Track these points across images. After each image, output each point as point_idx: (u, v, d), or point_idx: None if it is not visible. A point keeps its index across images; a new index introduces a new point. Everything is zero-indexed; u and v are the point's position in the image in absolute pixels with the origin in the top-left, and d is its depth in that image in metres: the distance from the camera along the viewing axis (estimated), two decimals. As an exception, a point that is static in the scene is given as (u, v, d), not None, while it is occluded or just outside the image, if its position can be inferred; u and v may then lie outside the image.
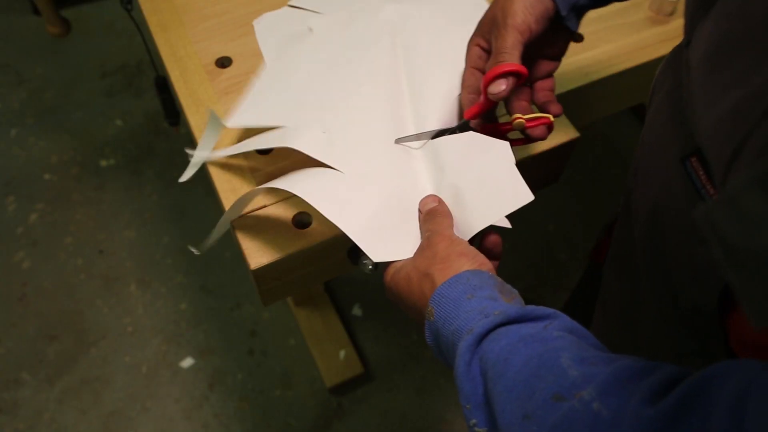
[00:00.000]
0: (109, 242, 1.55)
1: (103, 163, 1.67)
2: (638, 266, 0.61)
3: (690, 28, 0.48)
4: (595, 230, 1.48)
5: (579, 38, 0.82)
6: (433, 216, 0.56)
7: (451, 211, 0.57)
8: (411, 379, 1.41)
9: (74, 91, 1.79)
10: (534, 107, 0.62)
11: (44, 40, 1.87)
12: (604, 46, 0.82)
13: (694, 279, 0.51)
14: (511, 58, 0.53)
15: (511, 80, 0.54)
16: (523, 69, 0.53)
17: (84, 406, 1.34)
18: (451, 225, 0.55)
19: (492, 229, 0.56)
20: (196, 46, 0.79)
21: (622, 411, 0.34)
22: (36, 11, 1.88)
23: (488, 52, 0.58)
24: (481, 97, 0.57)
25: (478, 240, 0.57)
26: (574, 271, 1.53)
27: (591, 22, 0.84)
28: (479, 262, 0.50)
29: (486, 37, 0.57)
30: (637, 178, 0.61)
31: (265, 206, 0.66)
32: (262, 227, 0.65)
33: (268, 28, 0.80)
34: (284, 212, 0.66)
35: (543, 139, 0.59)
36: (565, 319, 0.44)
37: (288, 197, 0.67)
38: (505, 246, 0.57)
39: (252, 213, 0.66)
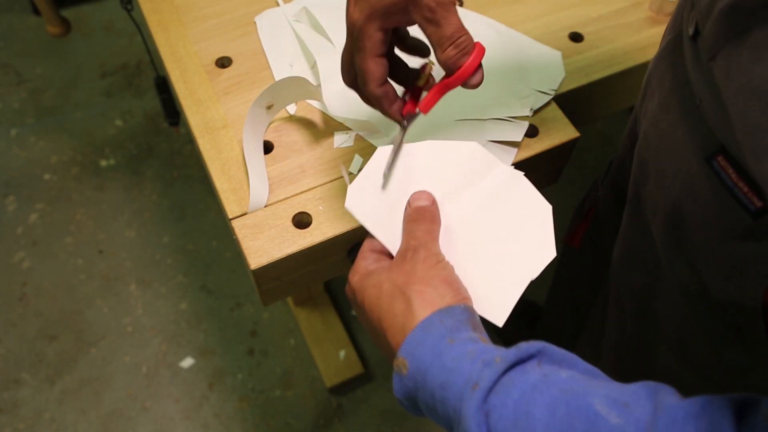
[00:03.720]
0: (109, 242, 1.55)
1: (103, 163, 1.67)
2: (658, 261, 0.60)
3: (713, 44, 0.44)
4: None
5: None
6: (421, 218, 0.49)
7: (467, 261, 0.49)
8: (411, 379, 1.41)
9: (74, 91, 1.79)
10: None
11: (44, 40, 1.87)
12: (604, 46, 0.82)
13: (730, 275, 0.49)
14: (469, 38, 0.47)
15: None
16: (484, 50, 0.48)
17: (84, 406, 1.34)
18: (438, 236, 0.49)
19: None
20: (196, 46, 0.79)
21: None
22: (36, 11, 1.88)
23: (389, 33, 0.49)
24: (435, 90, 0.51)
25: None
26: (574, 271, 1.53)
27: (591, 22, 0.84)
28: (463, 296, 0.45)
29: (397, 18, 0.47)
30: (646, 173, 0.59)
31: (265, 206, 0.66)
32: (262, 227, 0.65)
33: (270, 24, 0.80)
34: (284, 212, 0.66)
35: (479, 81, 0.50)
36: (552, 351, 0.40)
37: (288, 197, 0.67)
38: (505, 246, 0.56)
39: (252, 213, 0.66)
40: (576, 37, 0.83)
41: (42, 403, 1.34)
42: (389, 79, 0.52)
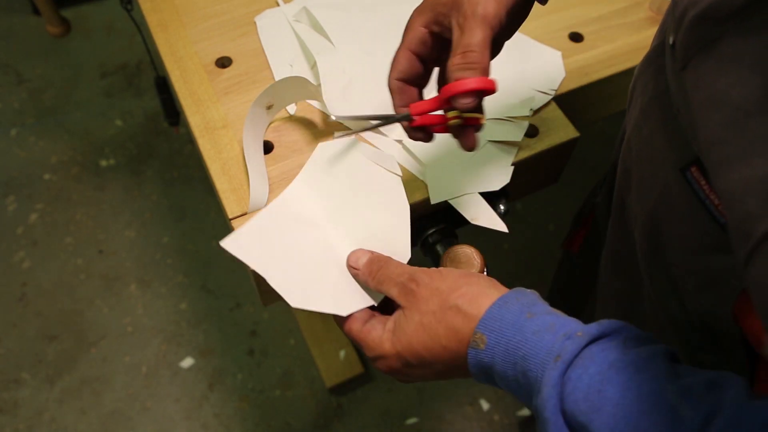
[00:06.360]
0: (109, 242, 1.55)
1: (103, 163, 1.67)
2: (638, 267, 0.60)
3: (684, 54, 0.44)
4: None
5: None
6: (382, 264, 0.50)
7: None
8: (411, 379, 1.41)
9: (74, 91, 1.79)
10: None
11: (44, 40, 1.87)
12: (604, 46, 0.82)
13: (704, 287, 0.50)
14: (483, 59, 0.45)
15: (479, 95, 0.47)
16: (494, 86, 0.46)
17: (84, 406, 1.34)
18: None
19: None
20: (196, 46, 0.79)
21: None
22: (36, 11, 1.88)
23: (438, 37, 0.49)
24: (434, 98, 0.50)
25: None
26: (574, 271, 1.53)
27: (591, 22, 0.84)
28: (494, 282, 0.47)
29: (440, 20, 0.48)
30: (629, 180, 0.59)
31: (265, 206, 0.66)
32: (262, 227, 0.64)
33: (270, 24, 0.80)
34: (284, 212, 0.66)
35: (472, 147, 0.51)
36: (631, 329, 0.41)
37: (288, 197, 0.67)
38: (504, 246, 0.56)
39: (252, 213, 0.66)
40: (576, 37, 0.83)
41: (42, 403, 1.34)
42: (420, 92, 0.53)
